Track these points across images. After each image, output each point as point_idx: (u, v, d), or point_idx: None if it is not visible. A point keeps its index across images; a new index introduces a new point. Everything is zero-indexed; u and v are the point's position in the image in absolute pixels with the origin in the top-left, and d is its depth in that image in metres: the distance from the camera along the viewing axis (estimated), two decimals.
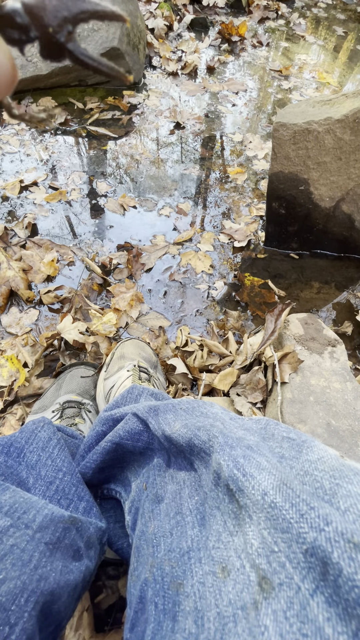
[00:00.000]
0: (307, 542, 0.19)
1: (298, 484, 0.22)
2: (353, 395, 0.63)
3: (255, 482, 0.22)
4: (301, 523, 0.20)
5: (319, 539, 0.19)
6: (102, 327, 0.78)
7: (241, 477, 0.23)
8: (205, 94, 1.53)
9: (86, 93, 1.42)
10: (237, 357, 0.74)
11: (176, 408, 0.36)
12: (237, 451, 0.25)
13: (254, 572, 0.20)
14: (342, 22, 2.29)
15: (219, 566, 0.22)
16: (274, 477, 0.22)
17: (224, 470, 0.24)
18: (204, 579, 0.23)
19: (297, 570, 0.19)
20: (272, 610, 0.18)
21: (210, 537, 0.24)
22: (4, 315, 0.80)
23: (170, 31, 1.84)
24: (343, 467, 0.23)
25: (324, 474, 0.23)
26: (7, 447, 0.38)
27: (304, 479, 0.24)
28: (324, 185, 0.84)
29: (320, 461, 0.24)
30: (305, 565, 0.19)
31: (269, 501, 0.21)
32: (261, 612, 0.19)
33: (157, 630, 0.23)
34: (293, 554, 0.19)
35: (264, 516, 0.21)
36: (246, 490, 0.23)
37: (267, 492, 0.22)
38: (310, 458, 0.25)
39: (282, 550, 0.20)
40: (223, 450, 0.26)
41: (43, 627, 0.27)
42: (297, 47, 1.97)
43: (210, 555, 0.23)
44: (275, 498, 0.21)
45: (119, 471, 0.42)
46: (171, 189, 1.12)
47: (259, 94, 1.58)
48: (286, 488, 0.22)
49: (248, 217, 1.05)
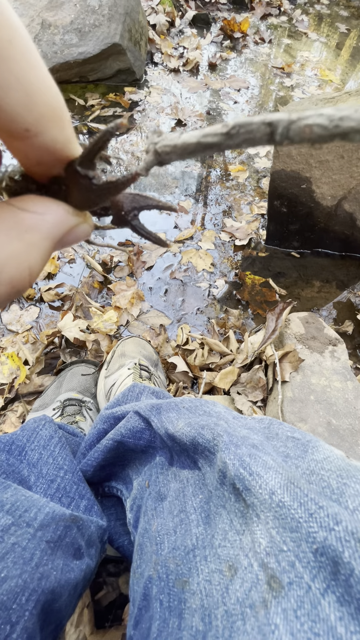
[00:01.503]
0: (317, 542, 0.19)
1: (305, 483, 0.22)
2: (354, 395, 0.63)
3: (262, 481, 0.22)
4: (310, 522, 0.20)
5: (329, 538, 0.18)
6: (102, 325, 0.78)
7: (247, 476, 0.23)
8: (207, 91, 1.52)
9: (87, 89, 1.42)
10: (237, 356, 0.74)
11: (179, 406, 0.36)
12: (243, 450, 0.25)
13: (262, 571, 0.20)
14: (345, 19, 2.27)
15: (226, 564, 0.22)
16: (281, 476, 0.22)
17: (230, 469, 0.24)
18: (210, 576, 0.23)
19: (307, 570, 0.19)
20: (282, 609, 0.18)
21: (216, 536, 0.24)
22: (5, 312, 0.80)
23: (172, 27, 1.83)
24: (350, 467, 0.23)
25: (330, 474, 0.23)
26: (9, 445, 0.38)
27: (311, 478, 0.24)
28: (326, 183, 0.84)
29: (326, 461, 0.24)
30: (315, 564, 0.19)
31: (277, 500, 0.21)
32: (271, 610, 0.19)
33: (163, 627, 0.23)
34: (302, 553, 0.19)
35: (272, 515, 0.21)
36: (253, 490, 0.22)
37: (274, 491, 0.22)
38: (316, 457, 0.25)
39: (291, 550, 0.20)
40: (228, 449, 0.26)
41: (44, 625, 0.27)
42: (299, 44, 1.96)
43: (216, 554, 0.23)
44: (283, 497, 0.21)
45: (120, 469, 0.42)
46: (172, 186, 1.12)
47: (260, 91, 1.57)
48: (294, 487, 0.22)
49: (249, 216, 1.05)
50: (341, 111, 0.08)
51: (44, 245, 0.13)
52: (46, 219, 0.13)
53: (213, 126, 0.10)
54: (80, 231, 0.14)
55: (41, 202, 0.13)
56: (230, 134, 0.10)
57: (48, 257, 0.14)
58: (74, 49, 1.31)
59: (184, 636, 0.22)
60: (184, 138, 0.11)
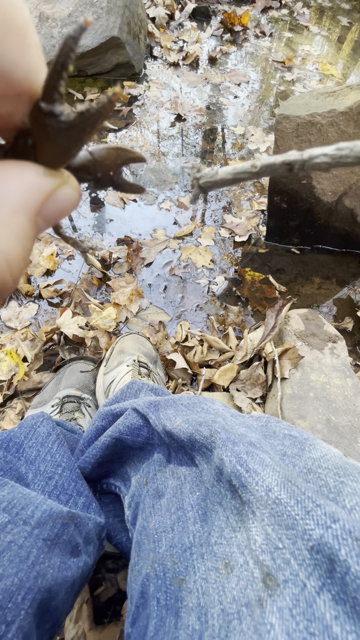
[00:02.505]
0: (313, 539, 0.19)
1: (302, 481, 0.22)
2: (353, 392, 0.63)
3: (259, 478, 0.22)
4: (307, 520, 0.19)
5: (325, 536, 0.18)
6: (101, 322, 0.77)
7: (244, 473, 0.23)
8: (207, 85, 1.51)
9: (86, 84, 1.40)
10: (237, 353, 0.74)
11: (177, 403, 0.35)
12: (240, 447, 0.25)
13: (258, 569, 0.20)
14: (346, 12, 2.25)
15: (222, 562, 0.22)
16: (278, 474, 0.22)
17: (227, 466, 0.24)
18: (206, 575, 0.23)
19: (303, 567, 0.19)
20: (277, 607, 0.18)
21: (212, 533, 0.24)
22: (3, 309, 0.79)
23: (172, 20, 1.80)
24: (347, 465, 0.23)
25: (327, 472, 0.23)
26: (6, 442, 0.38)
27: (308, 476, 0.23)
28: (326, 179, 0.83)
29: (323, 459, 0.24)
30: (311, 562, 0.19)
31: (274, 497, 0.21)
32: (266, 609, 0.18)
33: (159, 626, 0.23)
34: (298, 551, 0.19)
35: (268, 512, 0.21)
36: (249, 487, 0.22)
37: (271, 488, 0.21)
38: (313, 456, 0.25)
39: (286, 547, 0.20)
40: (225, 446, 0.26)
41: (40, 623, 0.27)
42: (300, 37, 1.93)
43: (212, 551, 0.23)
44: (280, 494, 0.21)
45: (119, 466, 0.42)
46: (172, 182, 1.11)
47: (261, 85, 1.56)
48: (291, 485, 0.21)
49: (249, 212, 1.04)
50: (341, 151, 0.12)
51: (17, 222, 0.10)
52: (11, 188, 0.10)
53: (244, 164, 0.13)
54: (63, 197, 0.11)
55: (1, 166, 0.10)
56: (258, 172, 0.13)
57: (30, 239, 0.11)
58: None
59: (180, 635, 0.21)
60: (221, 175, 0.14)
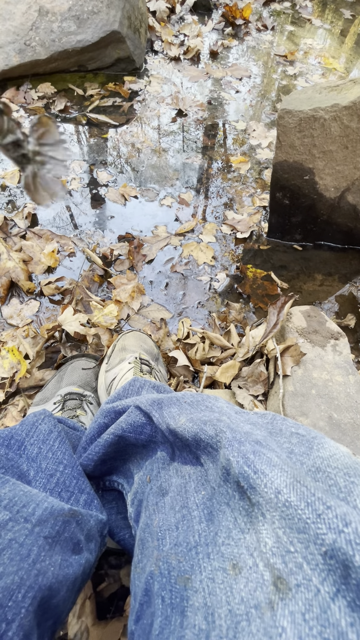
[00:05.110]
0: (325, 544, 0.18)
1: (311, 481, 0.21)
2: (355, 389, 0.63)
3: (267, 480, 0.22)
4: (318, 524, 0.19)
5: (338, 540, 0.18)
6: (103, 319, 0.77)
7: (252, 474, 0.23)
8: (208, 80, 1.49)
9: (86, 79, 1.39)
10: (239, 350, 0.73)
11: (180, 401, 0.35)
12: (247, 447, 0.25)
13: (268, 572, 0.20)
14: (349, 4, 2.22)
15: (230, 563, 0.22)
16: (286, 474, 0.22)
17: (234, 467, 0.24)
18: (213, 575, 0.22)
19: (316, 572, 0.18)
20: (289, 611, 0.18)
21: (219, 533, 0.24)
22: (5, 306, 0.79)
23: (173, 14, 1.79)
24: (357, 465, 0.22)
25: (337, 471, 0.22)
26: (8, 439, 0.37)
27: (317, 475, 0.23)
28: (329, 174, 0.82)
29: (332, 458, 0.24)
30: (324, 567, 0.18)
31: (283, 500, 0.21)
32: (277, 612, 0.18)
33: (165, 624, 0.23)
34: (311, 555, 0.19)
35: (278, 515, 0.21)
36: (258, 488, 0.22)
37: (280, 490, 0.21)
38: (321, 455, 0.24)
39: (298, 551, 0.19)
40: (231, 445, 0.25)
41: (41, 621, 0.26)
42: (302, 31, 1.91)
43: (219, 552, 0.23)
44: (290, 497, 0.21)
45: (121, 463, 0.42)
46: (173, 178, 1.10)
47: (263, 80, 1.54)
48: (300, 486, 0.21)
49: (251, 208, 1.03)
50: None
51: None
52: None
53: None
54: None
55: None
56: None
57: None
58: (72, 36, 1.28)
59: (186, 634, 0.21)
60: None
